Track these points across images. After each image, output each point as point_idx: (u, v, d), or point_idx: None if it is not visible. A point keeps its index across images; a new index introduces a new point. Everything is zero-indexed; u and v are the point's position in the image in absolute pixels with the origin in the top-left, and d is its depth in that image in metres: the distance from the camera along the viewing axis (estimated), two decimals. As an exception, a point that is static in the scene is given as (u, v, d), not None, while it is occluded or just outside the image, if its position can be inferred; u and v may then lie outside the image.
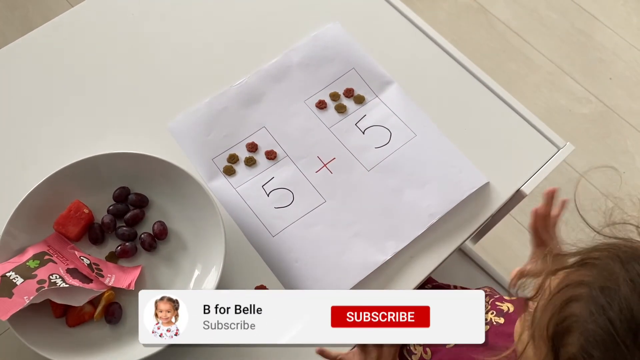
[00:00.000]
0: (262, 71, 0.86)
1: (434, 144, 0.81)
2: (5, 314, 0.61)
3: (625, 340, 0.39)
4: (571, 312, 0.42)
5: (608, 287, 0.41)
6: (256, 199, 0.77)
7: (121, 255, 0.71)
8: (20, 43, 0.88)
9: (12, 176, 0.77)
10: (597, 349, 0.40)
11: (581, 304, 0.42)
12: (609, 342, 0.39)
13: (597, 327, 0.40)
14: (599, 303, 0.41)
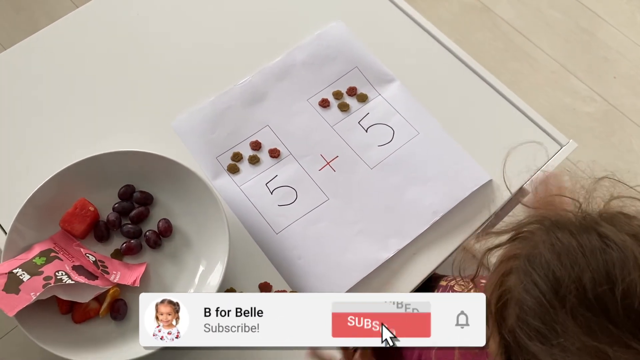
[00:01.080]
0: (266, 70, 0.86)
1: (437, 142, 0.81)
2: (12, 310, 0.61)
3: (552, 302, 0.39)
4: (507, 286, 0.43)
5: (533, 255, 0.42)
6: (260, 197, 0.77)
7: (126, 252, 0.72)
8: (26, 43, 0.89)
9: (19, 174, 0.78)
10: (531, 315, 0.40)
11: (514, 275, 0.43)
12: (538, 307, 0.40)
13: (527, 294, 0.41)
14: (527, 272, 0.42)
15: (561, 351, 0.38)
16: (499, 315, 0.44)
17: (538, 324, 0.40)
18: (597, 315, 0.38)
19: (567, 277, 0.39)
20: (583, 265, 0.39)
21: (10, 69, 0.86)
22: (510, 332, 0.42)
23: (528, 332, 0.40)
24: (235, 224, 0.75)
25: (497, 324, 0.44)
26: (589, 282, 0.38)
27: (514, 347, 0.42)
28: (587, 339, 0.37)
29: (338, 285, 0.71)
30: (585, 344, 0.37)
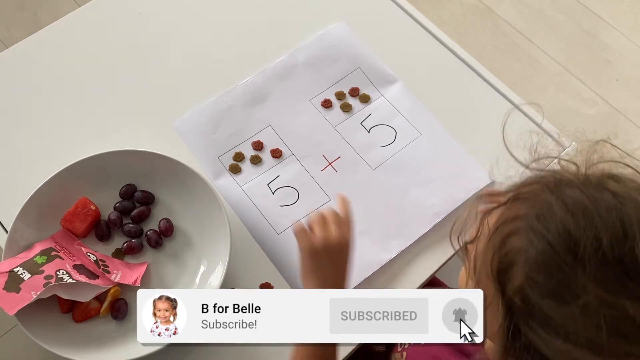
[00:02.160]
0: (268, 70, 0.86)
1: (439, 143, 0.81)
2: (13, 309, 0.61)
3: (566, 259, 0.38)
4: (511, 247, 0.42)
5: (543, 214, 0.41)
6: (261, 197, 0.77)
7: (127, 251, 0.72)
8: (29, 42, 0.88)
9: (20, 173, 0.78)
10: (541, 273, 0.39)
11: (520, 236, 0.42)
12: (551, 264, 0.39)
13: (537, 253, 0.40)
14: (537, 230, 0.41)
15: (578, 308, 0.37)
16: (502, 276, 0.42)
17: (552, 281, 0.39)
18: (616, 273, 0.37)
19: (584, 237, 0.38)
20: (600, 225, 0.38)
21: (12, 67, 0.86)
22: (518, 292, 0.40)
23: (540, 291, 0.39)
24: (236, 224, 0.75)
25: (500, 286, 0.42)
26: (607, 241, 0.37)
27: (521, 308, 0.40)
28: (605, 295, 0.37)
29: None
30: (604, 300, 0.37)
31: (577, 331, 0.37)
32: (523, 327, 0.40)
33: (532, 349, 0.40)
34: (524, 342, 0.40)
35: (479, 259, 0.46)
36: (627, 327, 0.37)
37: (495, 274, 0.43)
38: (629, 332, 0.37)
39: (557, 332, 0.38)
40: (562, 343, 0.38)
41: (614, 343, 0.37)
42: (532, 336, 0.40)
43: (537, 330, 0.39)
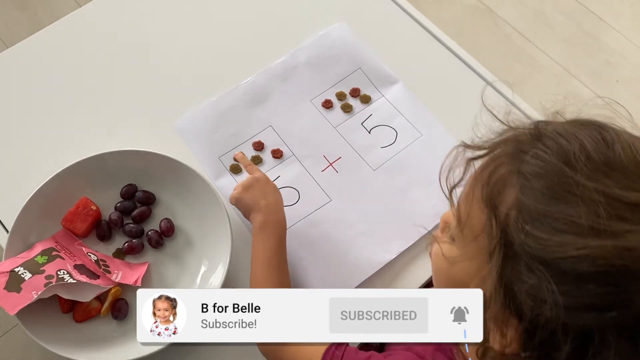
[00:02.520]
0: (269, 70, 0.86)
1: (440, 144, 0.81)
2: (14, 309, 0.61)
3: (558, 164, 0.41)
4: (501, 174, 0.44)
5: (529, 143, 0.44)
6: (262, 198, 0.77)
7: (128, 251, 0.72)
8: (30, 42, 0.89)
9: (21, 173, 0.78)
10: (536, 180, 0.41)
11: (507, 164, 0.44)
12: (545, 171, 0.42)
13: (530, 166, 0.42)
14: (525, 151, 0.43)
15: (576, 201, 0.39)
16: (494, 201, 0.43)
17: (547, 185, 0.41)
18: (605, 170, 0.40)
19: (571, 145, 0.42)
20: (583, 135, 0.42)
21: (13, 66, 0.87)
22: (513, 205, 0.42)
23: (535, 195, 0.41)
24: (237, 224, 0.75)
25: (492, 209, 0.43)
26: (591, 147, 0.41)
27: (515, 220, 0.41)
28: (597, 186, 0.39)
29: (341, 287, 0.71)
30: (597, 189, 0.39)
31: (576, 222, 0.39)
32: (519, 238, 0.41)
33: (530, 258, 0.40)
34: (519, 256, 0.41)
35: (466, 197, 0.47)
36: (623, 210, 0.39)
37: (487, 200, 0.44)
38: (625, 213, 0.39)
39: (555, 228, 0.39)
40: (563, 236, 0.39)
41: (614, 226, 0.38)
42: (531, 242, 0.40)
43: (534, 234, 0.40)
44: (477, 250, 0.45)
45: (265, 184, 0.70)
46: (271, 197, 0.68)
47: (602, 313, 0.38)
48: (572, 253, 0.38)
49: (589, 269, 0.38)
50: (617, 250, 0.38)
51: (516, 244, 0.41)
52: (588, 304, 0.38)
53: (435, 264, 0.53)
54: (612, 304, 0.38)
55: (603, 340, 0.39)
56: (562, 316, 0.38)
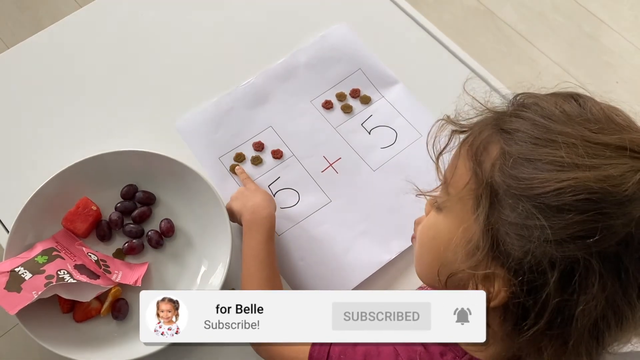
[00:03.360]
0: (269, 71, 0.86)
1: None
2: (14, 309, 0.61)
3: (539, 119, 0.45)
4: (486, 134, 0.47)
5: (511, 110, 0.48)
6: (262, 198, 0.77)
7: (128, 252, 0.72)
8: (31, 42, 0.89)
9: (22, 173, 0.78)
10: (521, 131, 0.45)
11: (492, 126, 0.47)
12: (528, 125, 0.45)
13: (511, 123, 0.46)
14: (508, 114, 0.48)
15: (558, 143, 0.43)
16: (479, 157, 0.46)
17: (530, 133, 0.44)
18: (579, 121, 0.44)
19: (550, 106, 0.46)
20: (558, 99, 0.46)
21: (13, 67, 0.87)
22: (498, 156, 0.45)
23: (519, 142, 0.44)
24: (237, 225, 0.75)
25: (477, 162, 0.46)
26: (567, 108, 0.45)
27: (501, 167, 0.44)
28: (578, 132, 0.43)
29: (341, 287, 0.71)
30: (575, 133, 0.43)
31: (558, 160, 0.42)
32: (503, 181, 0.43)
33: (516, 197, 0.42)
34: (504, 196, 0.43)
35: (452, 160, 0.50)
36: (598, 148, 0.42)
37: (472, 156, 0.47)
38: (600, 152, 0.42)
39: (538, 167, 0.42)
40: (547, 173, 0.42)
41: (592, 159, 0.42)
42: (514, 182, 0.43)
43: (517, 175, 0.43)
44: (461, 206, 0.47)
45: (253, 190, 0.73)
46: (257, 198, 0.71)
47: (585, 239, 0.40)
48: (555, 186, 0.41)
49: (570, 198, 0.40)
50: (596, 178, 0.40)
51: (501, 188, 0.44)
52: (571, 234, 0.40)
53: (420, 238, 0.56)
54: (594, 230, 0.40)
55: (587, 268, 0.41)
56: (547, 248, 0.41)
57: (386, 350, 0.55)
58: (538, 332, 0.43)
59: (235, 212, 0.71)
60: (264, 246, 0.67)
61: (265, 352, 0.63)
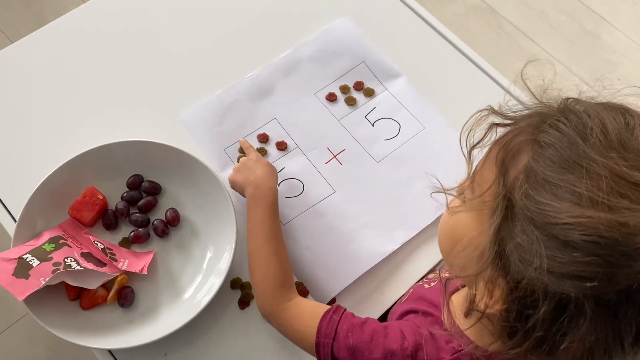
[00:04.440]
0: (273, 64, 0.87)
1: (443, 137, 0.82)
2: (22, 294, 0.62)
3: (574, 137, 0.42)
4: (519, 140, 0.45)
5: (552, 116, 0.45)
6: (267, 189, 0.78)
7: (134, 240, 0.72)
8: (36, 35, 0.89)
9: (29, 162, 0.79)
10: (550, 149, 0.42)
11: (528, 132, 0.45)
12: (560, 142, 0.42)
13: (547, 135, 0.43)
14: (546, 122, 0.44)
15: (582, 172, 0.40)
16: (506, 164, 0.45)
17: (558, 154, 0.42)
18: (618, 150, 0.41)
19: (591, 121, 0.42)
20: (605, 115, 0.43)
21: (20, 60, 0.87)
22: (522, 169, 0.43)
23: (545, 162, 0.42)
24: (242, 215, 0.75)
25: (502, 171, 0.45)
26: (610, 124, 0.42)
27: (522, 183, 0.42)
28: (606, 162, 0.40)
29: (344, 276, 0.72)
30: (606, 165, 0.40)
31: (576, 191, 0.39)
32: (520, 200, 0.42)
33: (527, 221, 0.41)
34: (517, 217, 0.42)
35: (483, 157, 0.48)
36: (626, 188, 0.39)
37: (500, 162, 0.45)
38: (627, 191, 0.39)
39: (556, 195, 0.40)
40: (562, 203, 0.40)
41: (613, 201, 0.39)
42: (531, 205, 0.41)
43: (535, 198, 0.41)
44: (481, 205, 0.46)
45: (255, 161, 0.72)
46: (259, 171, 0.71)
47: (583, 282, 0.39)
48: (567, 220, 0.39)
49: (579, 237, 0.38)
50: (610, 223, 0.38)
51: (517, 206, 0.42)
52: (570, 272, 0.39)
53: (441, 224, 0.55)
54: (595, 275, 0.38)
55: (579, 308, 0.39)
56: (544, 279, 0.40)
57: (393, 333, 0.56)
58: (522, 351, 0.43)
59: (237, 184, 0.72)
60: (269, 218, 0.67)
61: (278, 324, 0.64)
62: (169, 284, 0.71)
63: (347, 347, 0.56)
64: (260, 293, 0.65)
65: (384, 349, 0.54)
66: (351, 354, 0.56)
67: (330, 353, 0.57)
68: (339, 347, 0.57)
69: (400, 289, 0.73)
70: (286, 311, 0.63)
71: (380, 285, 0.73)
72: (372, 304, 0.72)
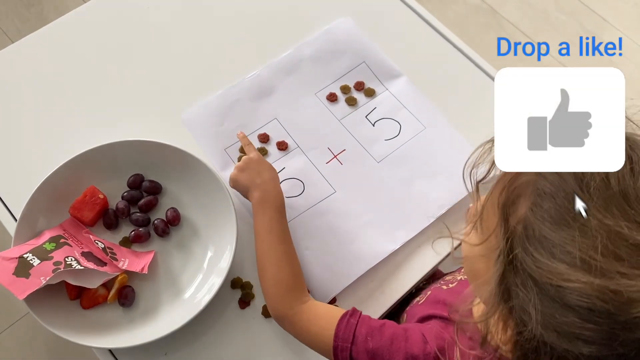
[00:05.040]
0: (274, 64, 0.87)
1: (443, 137, 0.82)
2: (23, 294, 0.62)
3: (573, 187, 0.40)
4: (521, 181, 0.44)
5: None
6: (267, 188, 0.78)
7: (135, 240, 0.73)
8: (37, 35, 0.89)
9: (30, 162, 0.79)
10: (547, 200, 0.41)
11: (531, 172, 0.43)
12: (558, 191, 0.40)
13: (546, 182, 0.41)
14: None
15: (577, 230, 0.39)
16: (507, 209, 0.44)
17: (555, 206, 0.40)
18: (619, 202, 0.39)
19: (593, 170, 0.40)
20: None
21: (21, 59, 0.87)
22: (521, 220, 0.42)
23: (542, 215, 0.40)
24: (242, 215, 0.75)
25: (504, 217, 0.44)
26: (614, 175, 0.40)
27: (520, 235, 0.41)
28: (604, 218, 0.38)
29: (345, 276, 0.72)
30: (602, 222, 0.38)
31: (572, 252, 0.38)
32: (520, 254, 0.41)
33: (525, 275, 0.40)
34: (517, 269, 0.41)
35: (487, 196, 0.47)
36: (621, 248, 0.38)
37: (502, 206, 0.44)
38: (623, 253, 0.38)
39: (552, 254, 0.39)
40: (556, 264, 0.39)
41: (607, 263, 0.37)
42: (528, 261, 0.40)
43: (532, 254, 0.40)
44: (489, 247, 0.46)
45: (258, 163, 0.71)
46: (266, 174, 0.70)
47: (581, 344, 0.38)
48: (561, 283, 0.38)
49: (575, 301, 0.38)
50: (602, 290, 0.37)
51: (518, 258, 0.41)
52: (570, 332, 0.38)
53: (463, 250, 0.54)
54: (593, 340, 0.38)
55: None
56: (544, 334, 0.39)
57: (414, 336, 0.55)
58: None
59: (241, 184, 0.71)
60: (277, 221, 0.67)
61: (292, 328, 0.63)
62: (170, 283, 0.71)
63: (366, 351, 0.56)
64: (272, 297, 0.65)
65: (406, 353, 0.54)
66: (371, 357, 0.56)
67: (349, 357, 0.57)
68: (357, 351, 0.56)
69: (401, 289, 0.73)
70: (300, 314, 0.62)
71: (381, 285, 0.73)
72: (373, 304, 0.72)
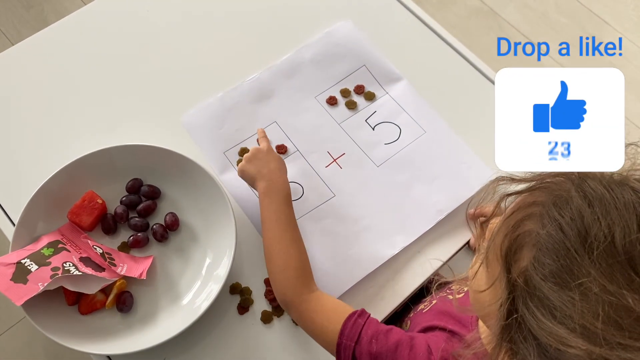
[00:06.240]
0: (274, 67, 0.87)
1: (443, 141, 0.82)
2: (20, 300, 0.62)
3: (574, 245, 0.39)
4: (524, 230, 0.42)
5: (560, 202, 0.41)
6: (266, 193, 0.77)
7: (133, 245, 0.72)
8: (37, 38, 0.89)
9: (28, 166, 0.78)
10: (549, 256, 0.39)
11: (534, 220, 0.42)
12: (558, 248, 0.39)
13: (547, 236, 0.40)
14: (551, 215, 0.41)
15: (578, 293, 0.37)
16: (509, 259, 0.43)
17: (557, 265, 0.39)
18: (623, 265, 0.37)
19: (597, 226, 0.38)
20: (615, 216, 0.38)
21: (20, 63, 0.87)
22: (522, 273, 0.41)
23: (543, 273, 0.39)
24: (241, 219, 0.75)
25: (506, 267, 0.43)
26: (619, 233, 0.38)
27: (523, 290, 0.40)
28: (607, 284, 0.37)
29: (344, 281, 0.72)
30: (605, 289, 0.37)
31: (573, 316, 0.37)
32: (521, 309, 0.41)
33: (527, 330, 0.40)
34: (520, 323, 0.41)
35: (490, 240, 0.46)
36: (624, 318, 0.37)
37: (504, 254, 0.43)
38: (625, 323, 0.36)
39: (553, 315, 0.38)
40: (557, 327, 0.38)
41: (608, 332, 0.36)
42: (529, 318, 0.40)
43: (534, 312, 0.39)
44: (495, 293, 0.45)
45: (266, 153, 0.72)
46: (272, 164, 0.70)
47: None
48: (560, 347, 0.37)
49: None
50: None
51: (519, 313, 0.41)
52: None
53: (470, 286, 0.53)
54: None
55: None
56: None
57: (419, 347, 0.55)
58: None
59: (248, 175, 0.71)
60: (284, 209, 0.67)
61: (298, 315, 0.63)
62: (168, 289, 0.70)
63: (369, 353, 0.56)
64: (280, 282, 0.64)
65: None
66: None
67: (351, 356, 0.57)
68: (360, 352, 0.56)
69: (400, 294, 0.72)
70: (308, 303, 0.62)
71: (380, 290, 0.72)
72: (372, 309, 0.71)
